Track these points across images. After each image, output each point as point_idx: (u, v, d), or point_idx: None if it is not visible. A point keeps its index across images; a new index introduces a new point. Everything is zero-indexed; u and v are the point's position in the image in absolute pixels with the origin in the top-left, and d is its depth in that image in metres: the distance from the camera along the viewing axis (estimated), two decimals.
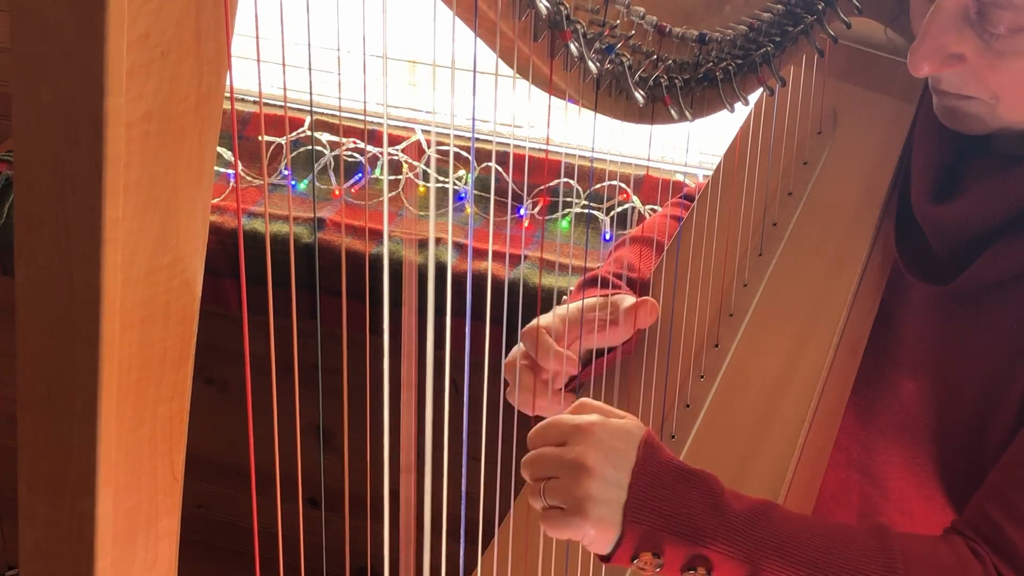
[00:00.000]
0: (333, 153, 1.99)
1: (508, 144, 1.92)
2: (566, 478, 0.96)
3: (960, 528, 1.02)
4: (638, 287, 1.20)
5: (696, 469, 0.99)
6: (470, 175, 1.93)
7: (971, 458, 1.08)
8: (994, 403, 1.06)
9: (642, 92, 1.01)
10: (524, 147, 1.90)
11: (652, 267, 1.24)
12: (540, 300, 1.18)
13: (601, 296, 1.16)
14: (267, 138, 2.01)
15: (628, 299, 1.15)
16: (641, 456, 0.97)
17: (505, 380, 1.15)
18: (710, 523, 0.95)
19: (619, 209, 1.89)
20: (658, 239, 1.28)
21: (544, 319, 1.14)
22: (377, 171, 2.00)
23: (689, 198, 1.37)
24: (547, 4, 0.90)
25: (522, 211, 1.93)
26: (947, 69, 1.02)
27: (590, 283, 1.22)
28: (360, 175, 2.01)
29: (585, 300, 1.15)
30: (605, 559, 0.97)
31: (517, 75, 0.94)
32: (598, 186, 1.89)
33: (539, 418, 1.04)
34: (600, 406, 1.02)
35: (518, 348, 1.15)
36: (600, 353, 1.16)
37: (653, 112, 1.05)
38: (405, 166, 1.95)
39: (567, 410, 1.02)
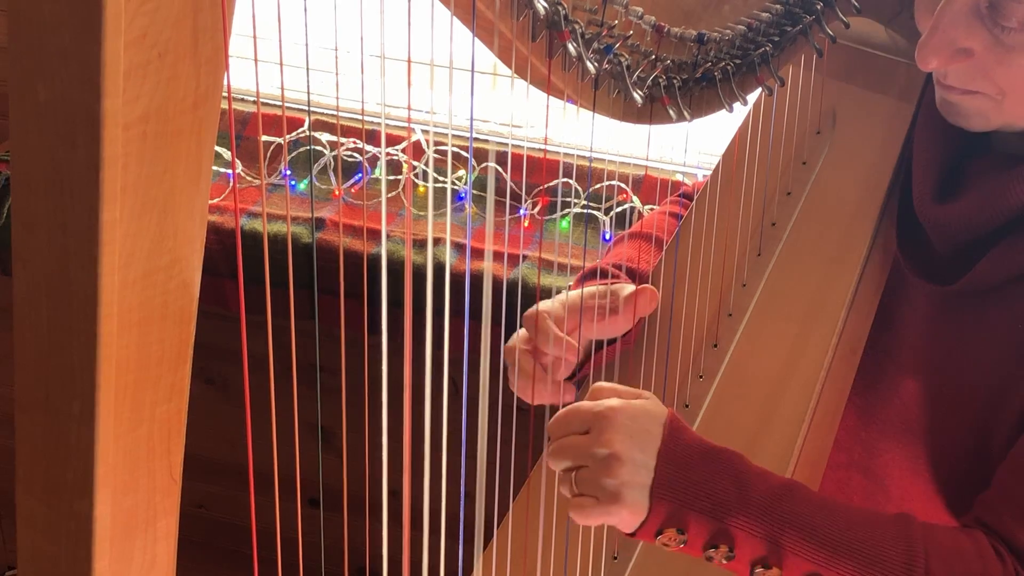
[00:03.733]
0: (332, 153, 1.99)
1: (507, 144, 1.92)
2: (595, 468, 0.96)
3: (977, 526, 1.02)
4: (638, 279, 1.20)
5: (721, 448, 0.99)
6: (468, 174, 1.93)
7: (973, 459, 1.07)
8: (997, 404, 1.06)
9: (640, 92, 1.01)
10: (523, 147, 1.90)
11: (651, 262, 1.24)
12: (540, 300, 1.18)
13: (601, 284, 1.16)
14: (266, 138, 2.01)
15: (628, 287, 1.15)
16: (666, 436, 0.97)
17: (505, 365, 1.15)
18: (734, 500, 0.96)
19: (618, 209, 1.89)
20: (656, 235, 1.28)
21: (545, 304, 1.15)
22: (376, 171, 2.00)
23: (687, 196, 1.37)
24: (545, 4, 0.90)
25: (522, 211, 1.93)
26: (955, 64, 1.01)
27: (590, 275, 1.22)
28: (359, 175, 2.01)
29: (585, 288, 1.15)
30: (630, 535, 0.98)
31: (515, 75, 0.94)
32: (597, 186, 1.89)
33: (541, 411, 1.04)
34: (616, 388, 1.02)
35: (519, 333, 1.15)
36: (601, 345, 1.16)
37: (652, 112, 1.05)
38: (405, 166, 1.95)
39: (586, 397, 1.02)
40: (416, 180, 1.95)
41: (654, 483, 0.96)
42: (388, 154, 1.94)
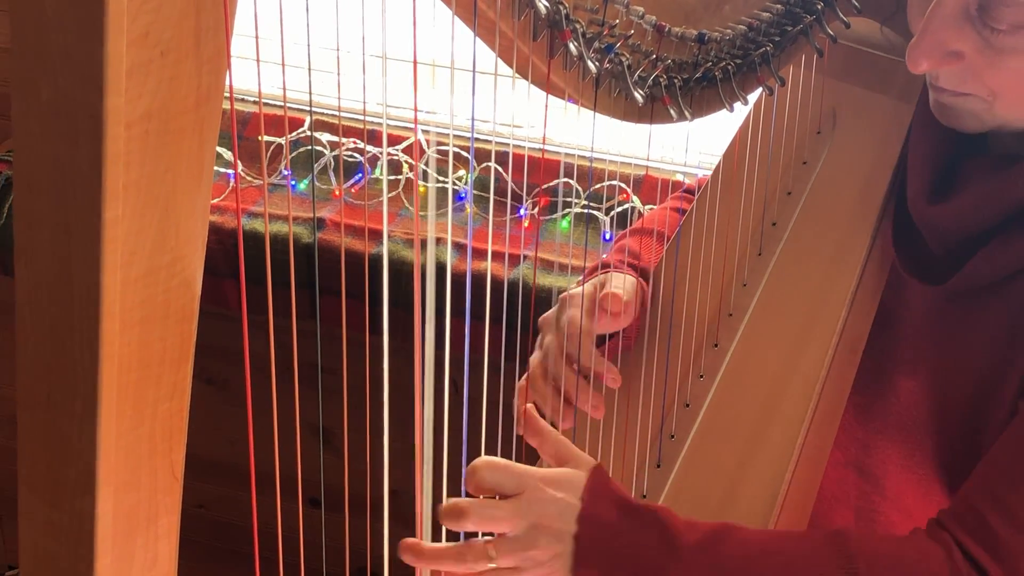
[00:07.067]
0: (333, 153, 1.99)
1: (508, 144, 1.92)
2: (520, 540, 0.95)
3: (941, 519, 1.02)
4: (641, 274, 1.20)
5: (645, 505, 0.98)
6: (469, 174, 1.93)
7: (967, 457, 1.08)
8: (990, 402, 1.06)
9: (641, 92, 1.01)
10: (523, 147, 1.90)
11: (655, 256, 1.24)
12: (536, 300, 1.18)
13: (601, 275, 1.16)
14: (267, 138, 2.01)
15: (616, 277, 1.15)
16: (586, 502, 0.96)
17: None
18: (663, 559, 0.95)
19: (619, 209, 1.89)
20: (659, 230, 1.28)
21: (576, 317, 1.14)
22: (377, 171, 2.00)
23: (691, 192, 1.37)
24: (546, 3, 0.90)
25: (522, 211, 1.93)
26: (945, 66, 1.02)
27: (597, 271, 1.22)
28: (360, 175, 2.01)
29: (584, 287, 1.15)
30: None
31: (516, 75, 0.94)
32: (598, 186, 1.89)
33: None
34: (555, 450, 1.02)
35: (549, 346, 1.15)
36: (602, 341, 1.17)
37: (652, 112, 1.05)
38: (405, 166, 1.95)
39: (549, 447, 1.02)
40: (417, 180, 1.95)
41: (575, 552, 0.95)
42: (389, 154, 1.94)
